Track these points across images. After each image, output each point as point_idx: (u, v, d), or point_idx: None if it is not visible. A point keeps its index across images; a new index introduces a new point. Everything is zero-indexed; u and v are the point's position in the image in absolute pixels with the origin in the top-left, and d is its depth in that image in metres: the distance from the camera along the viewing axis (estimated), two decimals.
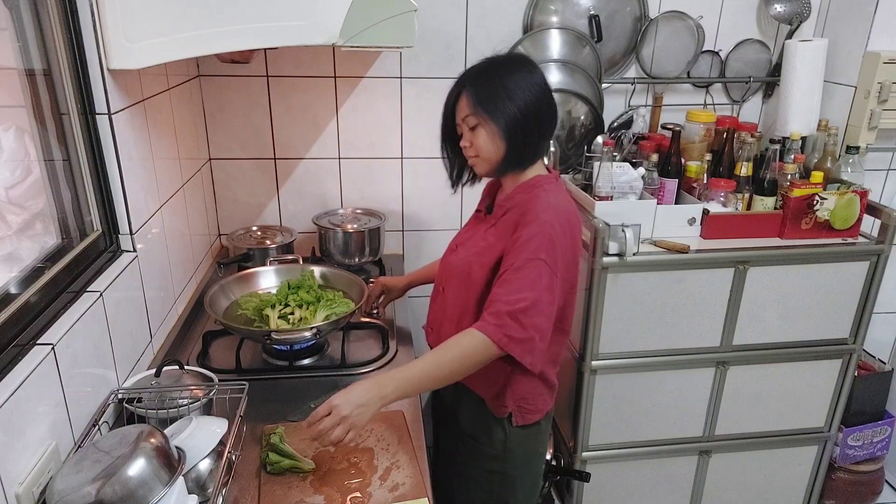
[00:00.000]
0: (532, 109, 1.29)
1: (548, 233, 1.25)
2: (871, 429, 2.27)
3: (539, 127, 1.33)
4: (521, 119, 1.29)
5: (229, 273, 1.78)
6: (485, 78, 1.30)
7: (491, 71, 1.31)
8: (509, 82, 1.28)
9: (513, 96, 1.28)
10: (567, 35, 2.07)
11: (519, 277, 1.22)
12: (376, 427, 1.30)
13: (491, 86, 1.29)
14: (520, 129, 1.29)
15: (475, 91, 1.30)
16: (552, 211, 1.28)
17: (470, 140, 1.33)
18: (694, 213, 1.99)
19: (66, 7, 1.21)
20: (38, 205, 1.28)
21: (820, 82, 2.09)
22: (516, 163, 1.35)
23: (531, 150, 1.35)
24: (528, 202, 1.32)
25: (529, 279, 1.22)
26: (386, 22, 1.29)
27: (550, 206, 1.29)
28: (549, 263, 1.23)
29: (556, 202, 1.31)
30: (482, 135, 1.30)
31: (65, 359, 1.07)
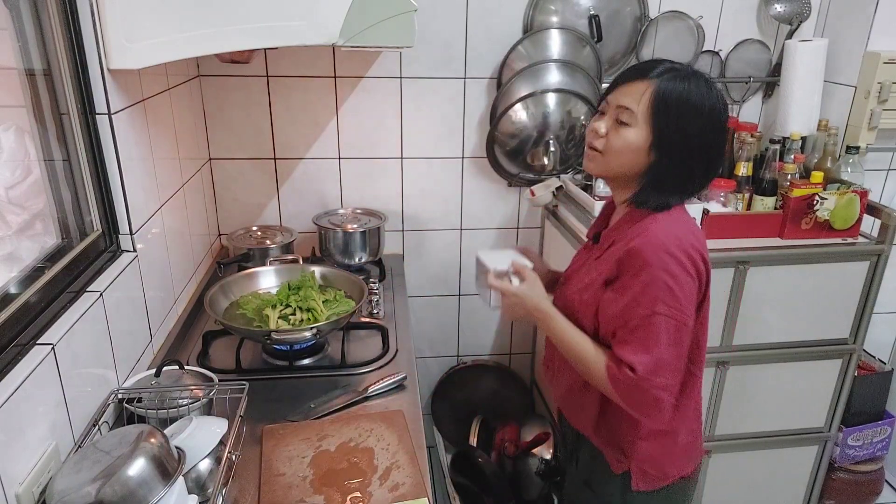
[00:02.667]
0: (711, 146, 1.13)
1: (663, 280, 1.08)
2: (871, 429, 2.26)
3: (696, 168, 1.14)
4: (696, 151, 1.11)
5: (229, 273, 1.78)
6: (681, 80, 1.10)
7: (691, 79, 1.10)
8: (700, 101, 1.09)
9: (694, 121, 1.10)
10: (567, 35, 2.07)
11: (637, 339, 1.10)
12: (376, 427, 1.30)
13: (682, 95, 1.09)
14: (687, 164, 1.12)
15: (663, 89, 1.09)
16: (664, 252, 1.09)
17: (607, 129, 1.15)
18: (694, 213, 1.98)
19: (66, 7, 1.21)
20: (38, 205, 1.28)
21: (820, 82, 2.09)
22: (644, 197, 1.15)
23: (671, 192, 1.14)
24: (635, 239, 1.12)
25: (648, 339, 1.09)
26: (386, 22, 1.29)
27: (662, 247, 1.09)
28: (671, 315, 1.08)
29: (669, 234, 1.11)
30: (627, 137, 1.12)
31: (65, 359, 1.07)
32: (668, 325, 1.08)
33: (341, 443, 1.26)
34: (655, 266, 1.08)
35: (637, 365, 1.09)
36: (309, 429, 1.30)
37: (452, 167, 2.20)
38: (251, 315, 1.57)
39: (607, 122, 1.15)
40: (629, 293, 1.11)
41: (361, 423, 1.31)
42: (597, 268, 1.21)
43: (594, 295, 1.19)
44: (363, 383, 1.45)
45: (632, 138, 1.12)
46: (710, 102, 1.11)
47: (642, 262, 1.09)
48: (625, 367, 1.10)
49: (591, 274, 1.22)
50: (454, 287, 2.36)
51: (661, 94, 1.09)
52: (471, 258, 2.32)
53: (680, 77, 1.10)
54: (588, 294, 1.21)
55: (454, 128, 2.16)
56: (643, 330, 1.09)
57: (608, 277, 1.17)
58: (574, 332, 1.20)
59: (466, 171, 2.21)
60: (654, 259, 1.09)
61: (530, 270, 1.24)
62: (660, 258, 1.09)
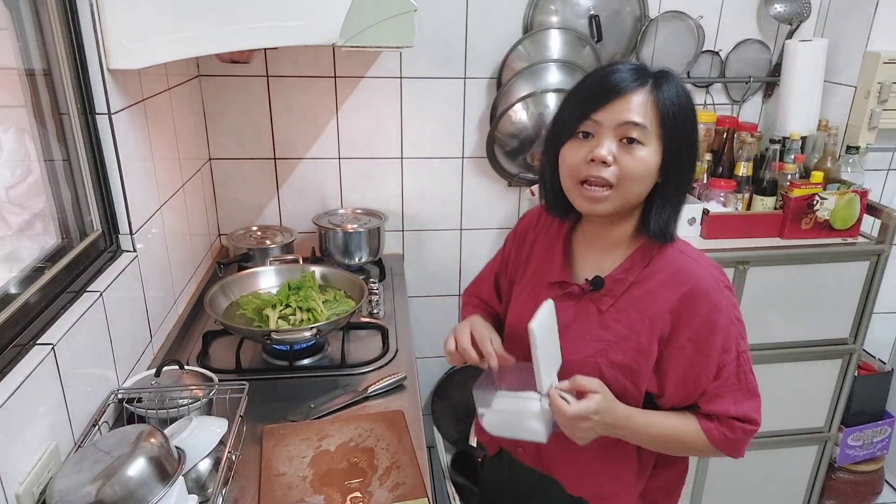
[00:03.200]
0: (696, 157, 1.01)
1: (735, 317, 1.01)
2: (871, 429, 2.27)
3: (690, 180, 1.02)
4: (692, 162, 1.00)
5: (229, 273, 1.78)
6: (673, 86, 0.97)
7: (673, 81, 0.98)
8: (692, 105, 0.99)
9: (694, 129, 0.99)
10: (567, 35, 2.07)
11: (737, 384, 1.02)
12: (376, 427, 1.30)
13: (680, 99, 0.97)
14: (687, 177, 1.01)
15: (666, 98, 0.96)
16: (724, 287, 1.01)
17: (615, 156, 0.95)
18: (694, 213, 1.99)
19: (66, 7, 1.21)
20: (38, 205, 1.28)
21: (820, 82, 2.09)
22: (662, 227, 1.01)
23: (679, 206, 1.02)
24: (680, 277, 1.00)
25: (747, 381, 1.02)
26: (386, 22, 1.29)
27: (720, 283, 1.01)
28: (748, 349, 1.04)
29: (711, 265, 1.03)
30: (646, 160, 0.95)
31: (65, 359, 1.07)
32: (749, 358, 1.03)
33: (341, 443, 1.26)
34: (725, 306, 1.00)
35: (752, 413, 1.03)
36: (309, 429, 1.30)
37: (452, 167, 2.20)
38: (251, 315, 1.57)
39: (606, 146, 0.95)
40: (713, 346, 0.99)
41: (361, 423, 1.31)
42: (618, 320, 1.03)
43: (637, 352, 1.02)
44: (363, 383, 1.45)
45: (648, 159, 0.95)
46: (692, 102, 1.00)
47: (713, 305, 0.98)
48: (732, 422, 1.02)
49: (611, 328, 1.03)
50: (454, 287, 2.36)
51: (664, 102, 0.95)
52: (471, 258, 2.32)
53: (668, 81, 0.98)
54: (623, 353, 1.02)
55: (454, 128, 2.16)
56: (739, 374, 1.02)
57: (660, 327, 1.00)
58: (659, 417, 1.04)
59: (466, 171, 2.21)
60: (720, 299, 0.99)
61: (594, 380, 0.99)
62: (726, 296, 1.01)
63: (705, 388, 1.02)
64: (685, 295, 0.99)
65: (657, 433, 1.04)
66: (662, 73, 0.99)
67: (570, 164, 0.98)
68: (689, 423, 1.05)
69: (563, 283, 1.08)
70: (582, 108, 0.97)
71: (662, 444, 1.06)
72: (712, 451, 1.05)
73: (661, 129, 0.95)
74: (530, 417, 1.01)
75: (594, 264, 1.07)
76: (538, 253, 1.14)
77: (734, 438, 1.03)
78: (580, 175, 0.97)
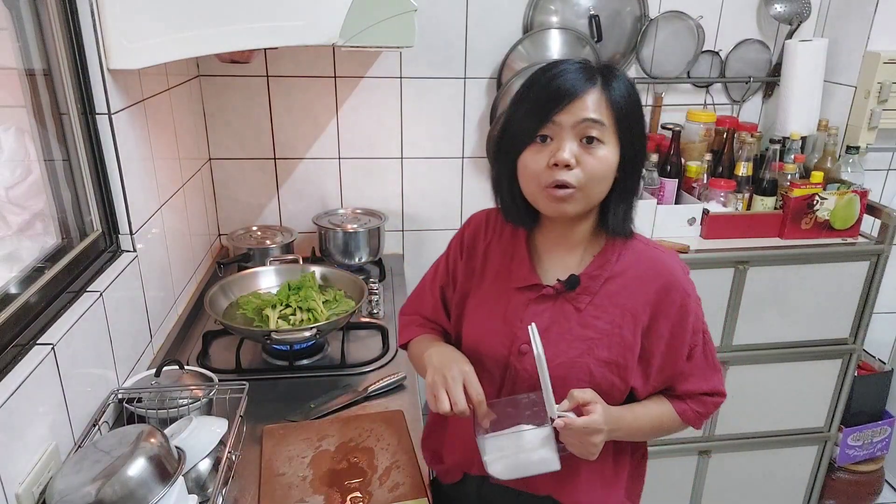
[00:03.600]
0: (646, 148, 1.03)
1: (699, 304, 1.06)
2: (871, 429, 2.27)
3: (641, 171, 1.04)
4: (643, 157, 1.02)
5: (229, 273, 1.78)
6: (621, 81, 0.97)
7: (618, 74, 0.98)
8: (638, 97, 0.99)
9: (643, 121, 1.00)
10: (567, 35, 2.07)
11: (702, 363, 1.07)
12: (376, 427, 1.30)
13: (630, 93, 0.97)
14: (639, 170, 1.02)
15: (617, 93, 0.95)
16: (687, 276, 1.05)
17: (577, 157, 0.94)
18: (694, 213, 1.99)
19: (66, 7, 1.21)
20: (38, 205, 1.28)
21: (820, 82, 2.09)
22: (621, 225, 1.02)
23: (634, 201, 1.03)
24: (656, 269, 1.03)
25: (710, 357, 1.08)
26: (386, 22, 1.29)
27: (685, 271, 1.05)
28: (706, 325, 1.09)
29: (674, 256, 1.07)
30: (608, 158, 0.95)
31: (65, 359, 1.07)
32: (709, 334, 1.09)
33: (341, 443, 1.26)
34: (692, 291, 1.04)
35: (719, 385, 1.09)
36: (309, 429, 1.30)
37: (452, 167, 2.20)
38: (251, 315, 1.57)
39: (568, 148, 0.93)
40: (686, 329, 1.04)
41: (361, 423, 1.31)
42: (598, 316, 1.02)
43: (623, 345, 1.01)
44: (363, 383, 1.45)
45: (612, 159, 0.95)
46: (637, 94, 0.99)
47: (684, 293, 1.03)
48: (703, 397, 1.08)
49: (593, 325, 1.02)
50: None
51: (618, 101, 0.95)
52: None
53: (616, 78, 0.97)
54: (608, 349, 1.01)
55: (454, 128, 2.16)
56: (703, 353, 1.07)
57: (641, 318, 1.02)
58: (641, 409, 1.07)
59: (466, 171, 2.21)
60: (688, 286, 1.04)
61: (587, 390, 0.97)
62: (690, 281, 1.05)
63: (680, 369, 1.06)
64: (662, 286, 1.02)
65: (644, 425, 1.07)
66: (609, 70, 0.97)
67: (532, 171, 0.97)
68: (665, 407, 1.09)
69: (535, 286, 1.04)
70: (538, 112, 0.95)
71: (647, 433, 1.10)
72: (681, 428, 1.11)
73: (616, 126, 0.95)
74: (536, 448, 0.96)
75: (560, 265, 1.06)
76: (495, 260, 1.10)
77: (705, 412, 1.10)
78: (544, 181, 0.96)
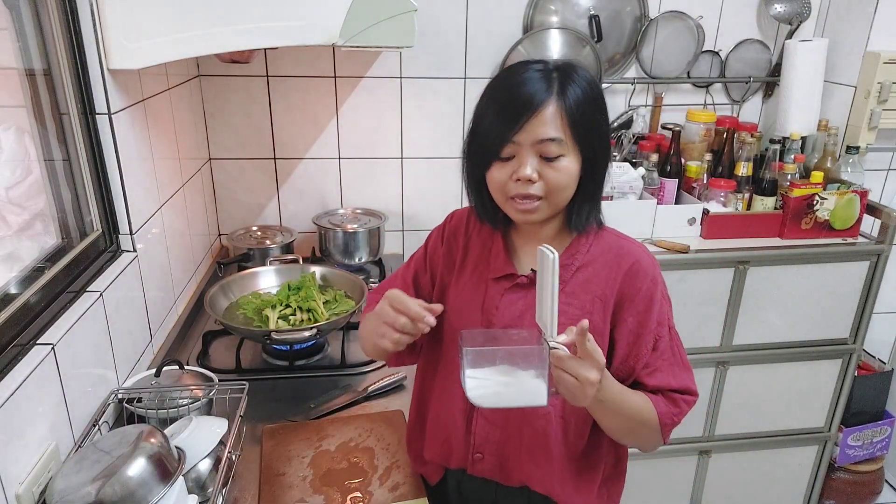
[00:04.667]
0: (609, 139, 1.05)
1: (667, 295, 1.06)
2: (871, 429, 2.27)
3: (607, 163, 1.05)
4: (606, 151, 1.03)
5: (229, 273, 1.78)
6: (578, 84, 0.97)
7: (572, 74, 0.98)
8: (596, 93, 1.00)
9: (602, 118, 1.01)
10: (567, 35, 2.07)
11: (671, 358, 1.05)
12: (376, 427, 1.30)
13: (587, 95, 0.97)
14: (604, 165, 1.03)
15: (571, 103, 0.96)
16: (656, 266, 1.06)
17: (539, 172, 0.97)
18: (694, 213, 1.99)
19: (66, 7, 1.21)
20: (38, 205, 1.28)
21: (820, 82, 2.09)
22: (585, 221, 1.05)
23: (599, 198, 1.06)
24: (622, 256, 1.04)
25: (679, 354, 1.06)
26: (386, 22, 1.29)
27: (653, 260, 1.06)
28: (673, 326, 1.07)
29: (642, 246, 1.08)
30: (569, 169, 0.98)
31: (65, 359, 1.07)
32: (676, 332, 1.07)
33: (341, 443, 1.26)
34: (660, 281, 1.05)
35: (689, 384, 1.05)
36: (309, 429, 1.30)
37: (452, 167, 2.20)
38: (251, 315, 1.57)
39: (528, 163, 0.96)
40: (651, 314, 1.03)
41: (361, 423, 1.32)
42: (570, 303, 1.03)
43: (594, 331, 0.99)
44: (363, 383, 1.45)
45: (571, 167, 0.98)
46: (598, 88, 1.00)
47: (651, 280, 1.03)
48: (673, 395, 1.04)
49: (565, 313, 1.00)
50: None
51: (572, 108, 0.96)
52: None
53: (567, 79, 0.97)
54: None
55: (454, 128, 2.16)
56: (671, 348, 1.05)
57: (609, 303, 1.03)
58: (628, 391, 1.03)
59: None
60: (656, 275, 1.04)
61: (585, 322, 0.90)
62: (660, 273, 1.05)
63: (646, 360, 1.04)
64: (628, 271, 1.03)
65: (628, 406, 1.01)
66: (566, 71, 0.98)
67: (498, 183, 1.01)
68: (645, 399, 1.04)
69: (510, 275, 1.08)
70: (499, 130, 0.98)
71: (629, 418, 1.02)
72: (657, 432, 1.04)
73: (574, 136, 0.97)
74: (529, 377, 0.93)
75: (534, 256, 1.02)
76: (474, 253, 1.14)
77: (678, 412, 1.05)
78: (509, 192, 1.00)
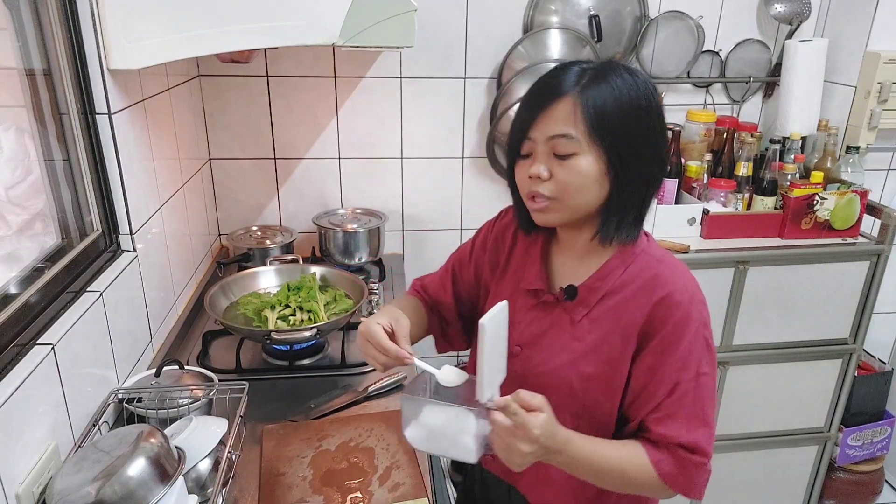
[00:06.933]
0: (658, 146, 0.95)
1: (703, 336, 0.94)
2: (871, 429, 2.27)
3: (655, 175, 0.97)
4: (649, 158, 0.93)
5: (229, 273, 1.78)
6: (603, 81, 0.91)
7: (610, 74, 0.92)
8: (634, 94, 0.91)
9: (641, 122, 0.92)
10: (567, 35, 2.07)
11: (688, 408, 0.94)
12: (376, 427, 1.30)
13: (619, 95, 0.90)
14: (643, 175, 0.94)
15: (592, 99, 0.90)
16: (698, 301, 0.95)
17: (551, 171, 0.93)
18: (694, 213, 1.99)
19: (66, 7, 1.21)
20: (38, 205, 1.28)
21: (820, 82, 2.09)
22: (612, 232, 0.96)
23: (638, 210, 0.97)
24: (653, 286, 0.96)
25: (701, 406, 0.94)
26: (386, 22, 1.29)
27: (691, 293, 0.95)
28: (711, 374, 0.95)
29: (687, 278, 0.97)
30: (581, 169, 0.92)
31: (65, 359, 1.07)
32: (710, 384, 0.95)
33: (341, 443, 1.26)
34: (695, 320, 0.93)
35: (701, 443, 0.93)
36: (309, 429, 1.30)
37: (452, 167, 2.20)
38: (251, 315, 1.57)
39: (543, 161, 0.93)
40: (675, 354, 0.93)
41: (361, 423, 1.31)
42: (591, 331, 0.98)
43: (608, 363, 0.97)
44: (363, 383, 1.45)
45: (586, 168, 0.92)
46: (644, 91, 0.92)
47: (682, 316, 0.93)
48: (679, 451, 0.94)
49: (583, 339, 0.98)
50: None
51: (592, 105, 0.90)
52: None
53: (599, 76, 0.92)
54: (594, 365, 0.97)
55: (454, 128, 2.16)
56: (693, 396, 0.93)
57: (631, 337, 0.96)
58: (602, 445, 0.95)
59: (466, 171, 2.21)
60: (691, 312, 0.93)
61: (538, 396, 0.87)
62: (698, 310, 0.94)
63: (658, 401, 0.95)
64: (658, 303, 0.94)
65: (602, 466, 0.94)
66: (602, 68, 0.93)
67: (519, 181, 0.99)
68: (637, 452, 0.95)
69: (537, 291, 1.04)
70: (518, 126, 0.96)
71: (606, 475, 0.96)
72: (661, 489, 0.96)
73: (592, 133, 0.90)
74: (462, 433, 0.92)
75: (570, 272, 1.03)
76: (516, 258, 1.11)
77: (680, 472, 0.94)
78: (525, 191, 0.98)
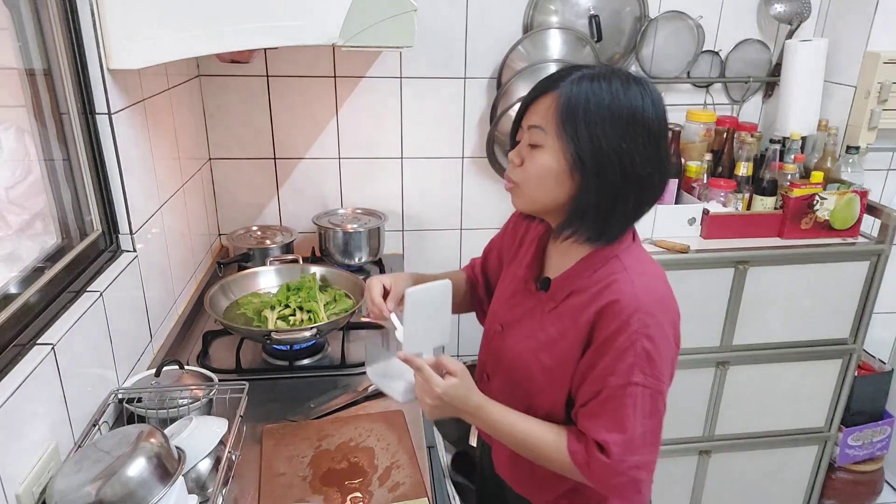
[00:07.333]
0: (638, 159, 0.92)
1: (642, 346, 0.93)
2: (871, 429, 2.27)
3: (638, 188, 0.94)
4: (619, 167, 0.91)
5: (229, 273, 1.78)
6: (590, 81, 0.92)
7: (603, 79, 0.92)
8: (615, 102, 0.91)
9: (610, 129, 0.90)
10: (567, 35, 2.07)
11: (609, 411, 0.95)
12: (376, 427, 1.30)
13: (590, 98, 0.91)
14: (610, 183, 0.92)
15: (567, 95, 0.91)
16: (645, 312, 0.94)
17: (522, 157, 0.98)
18: (694, 213, 1.99)
19: (66, 7, 1.21)
20: (38, 205, 1.28)
21: (820, 82, 2.09)
22: (569, 229, 0.98)
23: (615, 219, 0.96)
24: (606, 291, 0.96)
25: (622, 413, 0.94)
26: (386, 22, 1.28)
27: (640, 302, 0.94)
28: (648, 385, 0.94)
29: (645, 287, 0.96)
30: (542, 159, 0.94)
31: (65, 359, 1.07)
32: (643, 395, 0.95)
33: (341, 443, 1.26)
34: (635, 329, 0.93)
35: (610, 445, 0.95)
36: (309, 429, 1.30)
37: (452, 167, 2.20)
38: (251, 315, 1.57)
39: (522, 148, 0.98)
40: (605, 359, 0.95)
41: (361, 423, 1.32)
42: (554, 323, 1.02)
43: (561, 358, 1.01)
44: (363, 383, 1.45)
45: (546, 161, 0.94)
46: (630, 103, 0.91)
47: (620, 324, 0.94)
48: (594, 447, 0.96)
49: (546, 330, 1.03)
50: None
51: (566, 101, 0.91)
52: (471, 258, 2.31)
53: (589, 78, 0.92)
54: (550, 356, 1.03)
55: (454, 128, 2.16)
56: (616, 402, 0.95)
57: (583, 339, 0.99)
58: (519, 419, 1.02)
59: (466, 171, 2.21)
60: (633, 320, 0.93)
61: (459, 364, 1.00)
62: (640, 319, 0.93)
63: (585, 400, 0.98)
64: (602, 308, 0.96)
65: (516, 437, 1.02)
66: (600, 73, 0.93)
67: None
68: (559, 437, 1.00)
69: (525, 278, 1.12)
70: (517, 115, 1.02)
71: (520, 445, 1.04)
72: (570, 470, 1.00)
73: (560, 130, 0.92)
74: (398, 379, 1.11)
75: (556, 265, 1.08)
76: (525, 243, 1.17)
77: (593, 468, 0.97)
78: (507, 172, 1.04)
